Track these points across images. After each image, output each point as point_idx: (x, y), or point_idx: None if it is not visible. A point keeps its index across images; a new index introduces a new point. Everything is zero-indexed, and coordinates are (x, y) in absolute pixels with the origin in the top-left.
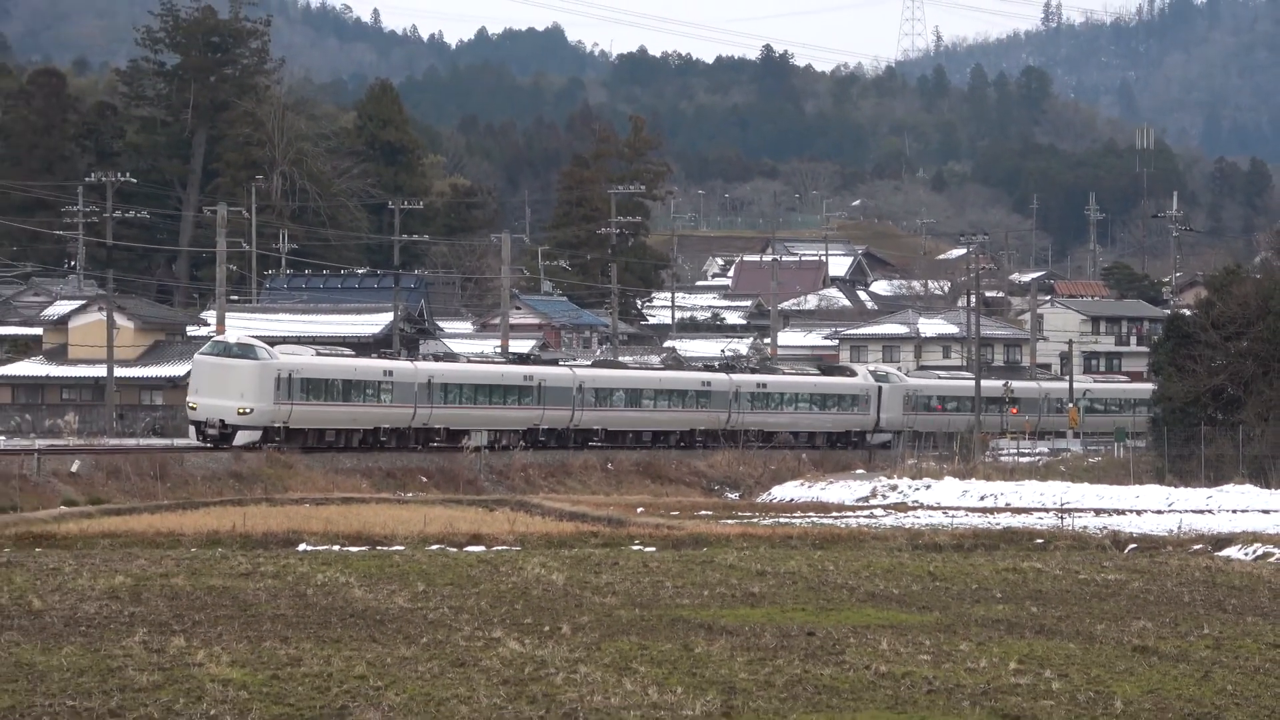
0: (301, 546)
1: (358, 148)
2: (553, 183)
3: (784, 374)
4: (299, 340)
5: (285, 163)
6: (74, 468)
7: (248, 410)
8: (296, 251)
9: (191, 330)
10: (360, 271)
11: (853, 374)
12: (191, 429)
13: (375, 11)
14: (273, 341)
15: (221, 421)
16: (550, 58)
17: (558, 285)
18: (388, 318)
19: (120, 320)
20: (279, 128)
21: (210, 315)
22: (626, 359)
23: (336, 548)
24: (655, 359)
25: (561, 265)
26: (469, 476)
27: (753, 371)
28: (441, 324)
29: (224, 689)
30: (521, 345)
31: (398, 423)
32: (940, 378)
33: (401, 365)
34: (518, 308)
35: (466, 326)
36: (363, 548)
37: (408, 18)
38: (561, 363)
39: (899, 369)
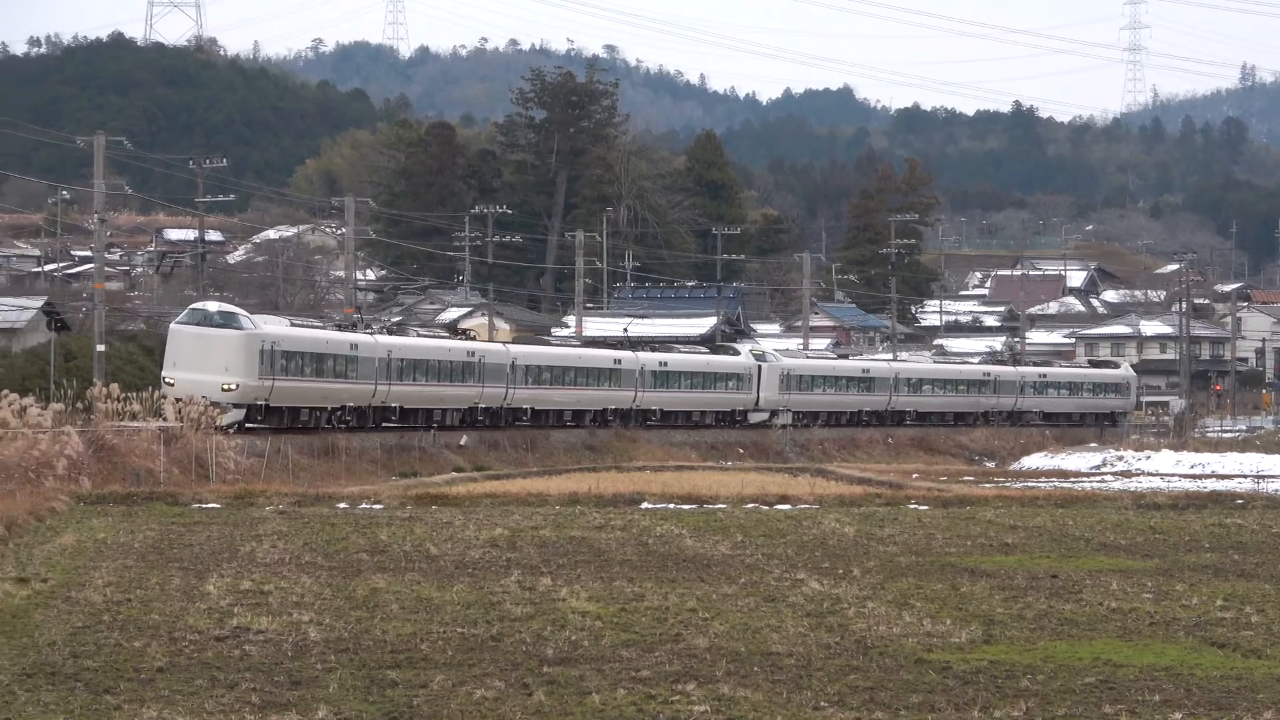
0: (644, 505)
1: (687, 185)
2: (844, 212)
3: (680, 353)
4: (642, 341)
5: (630, 197)
6: (462, 441)
7: (232, 386)
8: (639, 268)
9: (556, 331)
10: (689, 284)
11: (736, 353)
12: (167, 409)
13: (702, 76)
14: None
15: (204, 399)
16: (842, 112)
17: (848, 294)
18: (711, 321)
19: (499, 323)
20: (625, 169)
21: (570, 319)
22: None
23: (672, 506)
24: (927, 354)
25: (851, 279)
26: (777, 449)
27: (653, 350)
28: (755, 326)
29: (582, 619)
30: (819, 343)
31: (360, 400)
32: (809, 358)
33: (364, 339)
34: (816, 313)
35: (775, 328)
36: (692, 506)
37: (728, 80)
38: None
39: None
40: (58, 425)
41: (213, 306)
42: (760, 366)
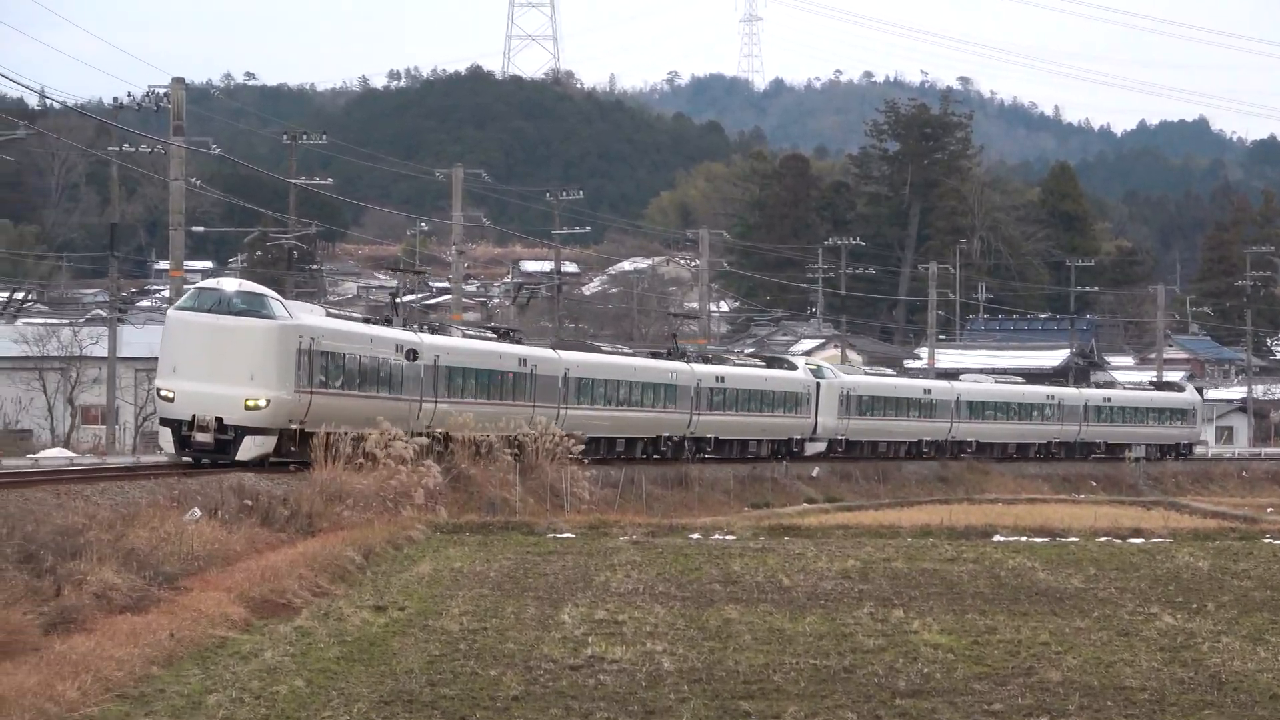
0: (996, 537)
1: (1041, 216)
2: (1198, 244)
3: (734, 364)
4: (992, 373)
5: (983, 229)
6: (814, 473)
7: (260, 402)
8: (991, 300)
9: (908, 363)
10: (1042, 316)
11: (793, 367)
12: (164, 432)
13: (1056, 107)
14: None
15: (219, 421)
16: (1197, 143)
17: (1202, 327)
18: (1064, 353)
19: (851, 355)
20: (978, 201)
21: (923, 351)
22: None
23: (1024, 538)
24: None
25: (1205, 311)
26: (1130, 482)
27: (706, 361)
28: (1108, 358)
29: (934, 651)
30: (1173, 376)
31: (403, 423)
32: (866, 374)
33: (408, 337)
34: (1170, 345)
35: (1128, 360)
36: (1044, 539)
37: (1082, 112)
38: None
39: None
40: (418, 456)
41: (230, 285)
42: (818, 384)
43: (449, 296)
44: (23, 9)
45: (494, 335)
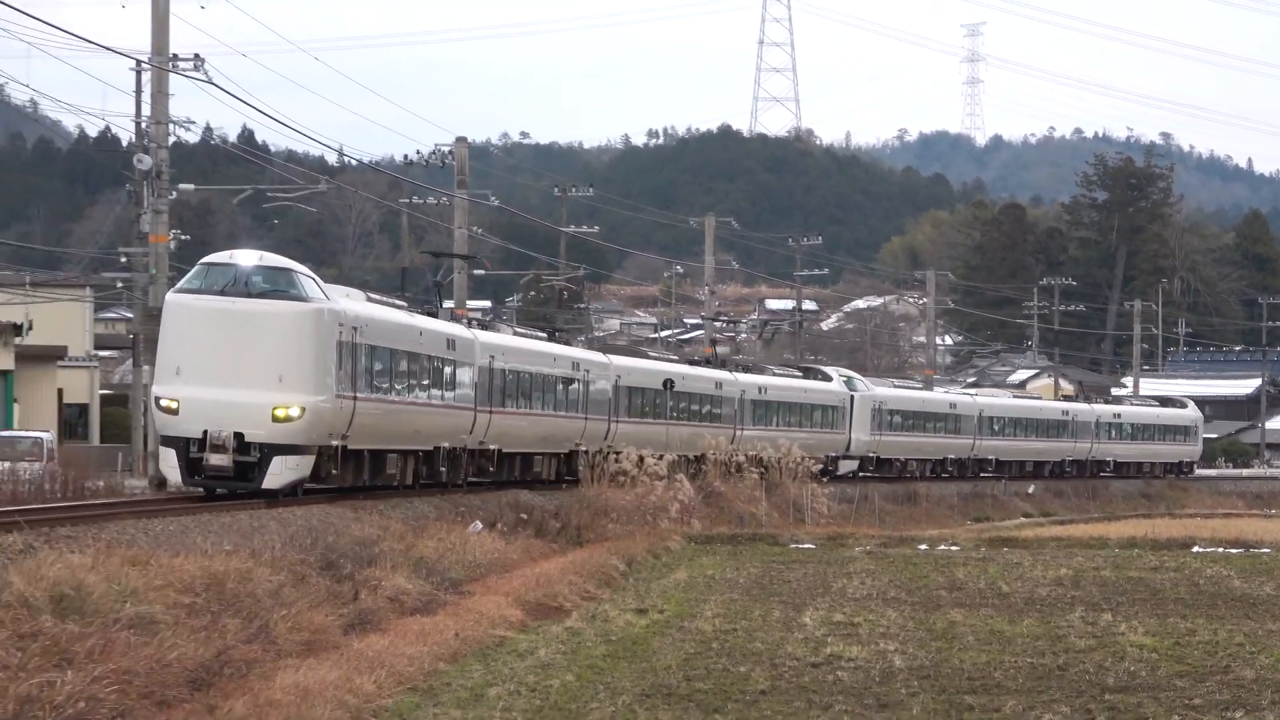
0: (1194, 549)
1: (1235, 258)
2: None
3: (774, 373)
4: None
5: (1183, 270)
6: (1030, 490)
7: (293, 412)
8: (1190, 334)
9: (1115, 391)
10: (1237, 348)
11: (828, 378)
12: (166, 453)
13: (1249, 159)
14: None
15: (239, 438)
16: None
17: None
18: (1256, 382)
19: (1063, 384)
20: (1179, 245)
21: (1128, 380)
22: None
23: (1220, 550)
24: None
25: None
26: None
27: (746, 370)
28: None
29: (1139, 652)
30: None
31: (454, 438)
32: (895, 387)
33: (460, 332)
34: None
35: None
36: (1239, 550)
37: (1274, 164)
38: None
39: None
40: (672, 474)
41: (247, 258)
42: (853, 397)
43: (701, 332)
44: (324, 77)
45: (544, 335)
